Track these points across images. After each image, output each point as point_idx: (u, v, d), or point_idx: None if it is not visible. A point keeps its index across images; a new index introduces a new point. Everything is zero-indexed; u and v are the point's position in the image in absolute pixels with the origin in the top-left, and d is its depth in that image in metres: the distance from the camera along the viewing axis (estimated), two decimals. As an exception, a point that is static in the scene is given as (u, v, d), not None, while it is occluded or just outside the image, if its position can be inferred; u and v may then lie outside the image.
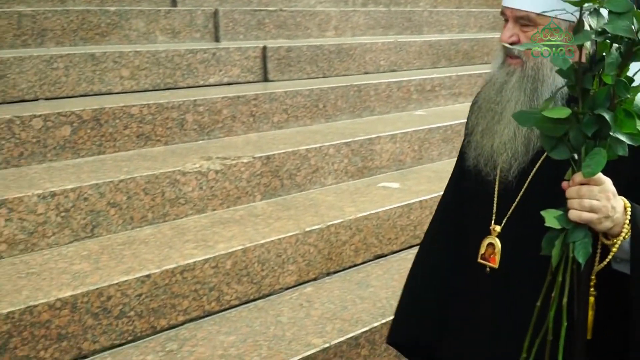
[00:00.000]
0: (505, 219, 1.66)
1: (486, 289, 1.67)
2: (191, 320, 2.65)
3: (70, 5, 4.49)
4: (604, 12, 1.31)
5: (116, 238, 2.86)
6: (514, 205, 1.64)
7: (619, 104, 1.34)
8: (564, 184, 1.43)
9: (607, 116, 1.32)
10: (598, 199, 1.38)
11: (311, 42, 4.95)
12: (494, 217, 1.68)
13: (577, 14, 1.34)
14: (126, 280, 2.47)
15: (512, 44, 1.57)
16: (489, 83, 1.67)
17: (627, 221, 1.43)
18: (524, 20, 1.54)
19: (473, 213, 1.75)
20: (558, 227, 1.39)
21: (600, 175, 1.38)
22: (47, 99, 3.59)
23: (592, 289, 1.46)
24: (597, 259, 1.47)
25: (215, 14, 4.83)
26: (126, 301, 2.47)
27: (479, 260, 1.67)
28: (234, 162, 3.29)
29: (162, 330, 2.57)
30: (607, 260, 1.45)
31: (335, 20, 5.57)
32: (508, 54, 1.60)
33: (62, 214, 2.77)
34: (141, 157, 3.31)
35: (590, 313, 1.47)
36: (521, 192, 1.63)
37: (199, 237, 2.88)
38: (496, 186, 1.67)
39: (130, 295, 2.48)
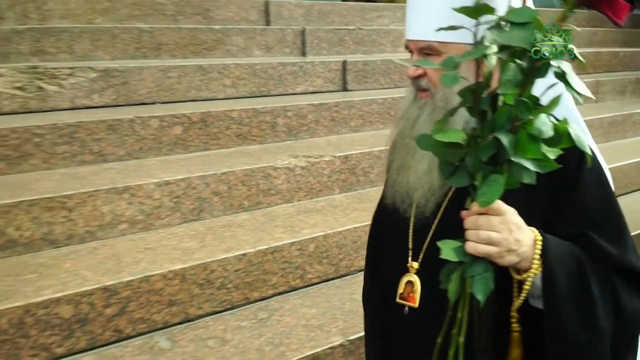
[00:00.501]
0: (421, 255, 1.39)
1: (407, 327, 1.40)
2: (279, 294, 2.68)
3: (182, 24, 4.60)
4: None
5: (218, 221, 2.91)
6: (428, 239, 1.37)
7: (522, 126, 1.04)
8: (463, 213, 1.14)
9: (504, 140, 1.03)
10: (498, 231, 1.10)
11: (385, 57, 4.92)
12: (410, 254, 1.40)
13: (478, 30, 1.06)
14: (226, 257, 2.52)
15: (419, 76, 1.32)
16: (403, 119, 1.40)
17: (537, 255, 1.15)
18: (428, 50, 1.30)
19: (390, 251, 1.47)
20: (455, 259, 1.11)
21: (500, 204, 1.11)
22: (162, 102, 3.66)
23: (515, 325, 1.22)
24: (516, 293, 1.22)
25: (303, 32, 4.86)
26: (226, 275, 2.52)
27: (398, 300, 1.39)
28: (317, 160, 3.31)
29: (255, 301, 2.61)
30: (523, 296, 1.19)
31: (406, 38, 5.52)
32: (418, 88, 1.34)
33: (174, 199, 2.83)
34: (240, 153, 3.35)
35: (518, 351, 1.23)
36: (434, 225, 1.36)
37: (287, 223, 2.91)
38: (411, 222, 1.41)
39: (229, 270, 2.52)
